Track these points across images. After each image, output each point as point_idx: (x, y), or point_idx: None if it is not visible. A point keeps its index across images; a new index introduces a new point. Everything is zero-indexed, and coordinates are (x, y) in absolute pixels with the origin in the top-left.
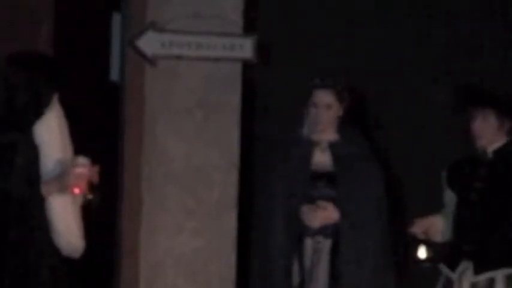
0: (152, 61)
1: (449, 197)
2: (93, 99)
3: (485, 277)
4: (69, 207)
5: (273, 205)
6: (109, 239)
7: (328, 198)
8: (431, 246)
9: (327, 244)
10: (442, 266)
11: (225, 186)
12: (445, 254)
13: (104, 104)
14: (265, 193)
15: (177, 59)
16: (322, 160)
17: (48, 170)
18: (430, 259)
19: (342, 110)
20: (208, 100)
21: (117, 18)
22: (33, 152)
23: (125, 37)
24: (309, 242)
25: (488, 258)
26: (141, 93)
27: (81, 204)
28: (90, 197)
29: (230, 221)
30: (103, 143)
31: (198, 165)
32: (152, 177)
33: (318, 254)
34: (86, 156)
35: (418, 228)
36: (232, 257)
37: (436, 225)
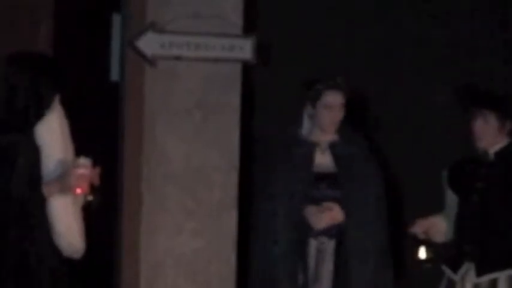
0: (152, 61)
1: (451, 197)
2: (92, 100)
3: (487, 278)
4: (70, 208)
5: (275, 206)
6: (109, 239)
7: (331, 199)
8: (431, 247)
9: (331, 245)
10: (445, 267)
11: (225, 187)
12: (445, 255)
13: (104, 104)
14: (266, 194)
15: (177, 59)
16: (323, 161)
17: (49, 171)
18: (430, 260)
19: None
20: (208, 101)
21: (117, 19)
22: (34, 153)
23: (124, 37)
24: (312, 242)
25: (491, 260)
26: (140, 94)
27: (82, 205)
28: (90, 198)
29: (230, 221)
30: (103, 143)
31: (198, 165)
32: (152, 178)
33: (322, 255)
34: (87, 156)
35: (418, 228)
36: (232, 257)
37: (436, 226)
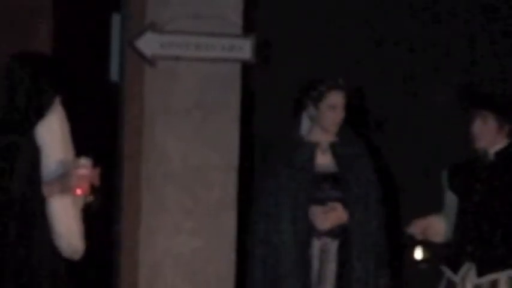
0: (151, 61)
1: (450, 198)
2: (92, 99)
3: (488, 279)
4: (69, 209)
5: (279, 208)
6: (108, 239)
7: (334, 200)
8: (428, 247)
9: (334, 245)
10: (444, 268)
11: (224, 187)
12: (443, 255)
13: (103, 104)
14: (265, 194)
15: (176, 59)
16: (324, 161)
17: (49, 171)
18: (426, 260)
19: None
20: (207, 100)
21: (116, 19)
22: (34, 153)
23: (124, 38)
24: (316, 243)
25: (491, 260)
26: (140, 94)
27: (82, 206)
28: (90, 198)
29: (229, 221)
30: (102, 143)
31: (197, 165)
32: (151, 178)
33: (326, 255)
34: (87, 156)
35: (416, 228)
36: (231, 257)
37: (434, 226)
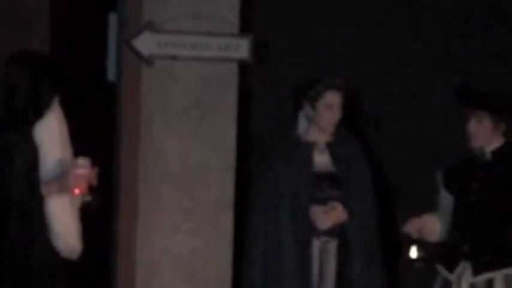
0: (148, 61)
1: (445, 197)
2: (89, 99)
3: (484, 278)
4: (67, 209)
5: (278, 208)
6: (105, 238)
7: (334, 199)
8: (424, 246)
9: (333, 244)
10: (440, 267)
11: (222, 187)
12: (438, 254)
13: (101, 104)
14: (263, 194)
15: (174, 59)
16: (321, 161)
17: (48, 171)
18: (422, 259)
19: None
20: (205, 100)
21: (113, 19)
22: (32, 153)
23: (121, 37)
24: (316, 243)
25: (487, 259)
26: (137, 93)
27: (80, 206)
28: (88, 198)
29: (227, 221)
30: (99, 143)
31: (195, 165)
32: (148, 177)
33: (326, 254)
34: (85, 156)
35: (411, 227)
36: (229, 257)
37: (430, 225)
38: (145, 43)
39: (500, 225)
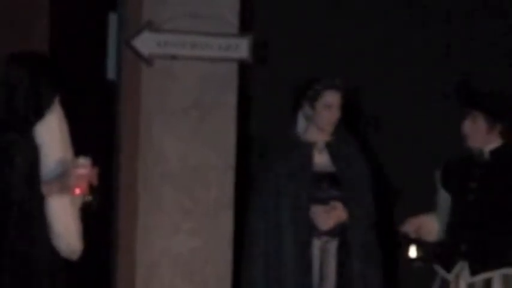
0: (148, 61)
1: (443, 197)
2: (89, 99)
3: (482, 277)
4: (68, 209)
5: (279, 208)
6: (105, 238)
7: (334, 199)
8: (422, 246)
9: (334, 244)
10: (438, 267)
11: (222, 186)
12: (436, 254)
13: (100, 104)
14: (264, 194)
15: (173, 58)
16: (321, 161)
17: (48, 171)
18: (420, 258)
19: None
20: (205, 100)
21: (113, 18)
22: (33, 152)
23: (121, 37)
24: (316, 242)
25: (485, 259)
26: (137, 93)
27: (81, 206)
28: (89, 198)
29: (227, 221)
30: (99, 143)
31: (195, 165)
32: (148, 177)
33: (326, 254)
34: (86, 156)
35: (409, 227)
36: (229, 257)
37: (428, 225)
38: (145, 43)
39: (497, 225)
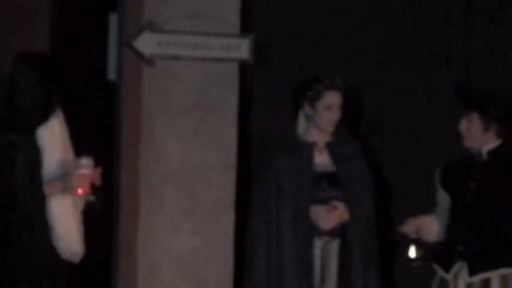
0: (149, 61)
1: (442, 197)
2: (90, 99)
3: (480, 278)
4: (69, 210)
5: (280, 208)
6: (106, 239)
7: (335, 199)
8: (422, 246)
9: (335, 244)
10: (436, 267)
11: (223, 187)
12: (436, 254)
13: (101, 104)
14: (264, 194)
15: (174, 59)
16: (321, 161)
17: (49, 172)
18: (420, 258)
19: None
20: (206, 100)
21: (114, 19)
22: (34, 152)
23: (122, 37)
24: (317, 243)
25: (483, 259)
26: (138, 93)
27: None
28: (92, 198)
29: (227, 221)
30: (100, 143)
31: (196, 165)
32: (149, 178)
33: (328, 254)
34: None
35: (409, 227)
36: (230, 257)
37: (427, 225)
38: (146, 43)
39: (496, 225)
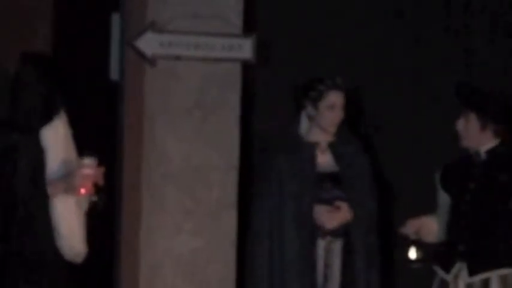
0: (151, 61)
1: (443, 198)
2: (92, 99)
3: (480, 278)
4: (73, 210)
5: (282, 208)
6: (108, 239)
7: (338, 199)
8: (422, 247)
9: (338, 244)
10: (437, 267)
11: (224, 187)
12: (436, 255)
13: (103, 104)
14: (266, 194)
15: (177, 59)
16: (324, 161)
17: (52, 173)
18: (420, 260)
19: None
20: (208, 100)
21: (116, 19)
22: (38, 153)
23: (124, 37)
24: (321, 243)
25: (483, 259)
26: (140, 93)
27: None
28: (95, 198)
29: (229, 221)
30: (102, 143)
31: (197, 165)
32: (151, 178)
33: (331, 255)
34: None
35: (410, 228)
36: (232, 257)
37: (428, 226)
38: (148, 43)
39: (496, 226)
